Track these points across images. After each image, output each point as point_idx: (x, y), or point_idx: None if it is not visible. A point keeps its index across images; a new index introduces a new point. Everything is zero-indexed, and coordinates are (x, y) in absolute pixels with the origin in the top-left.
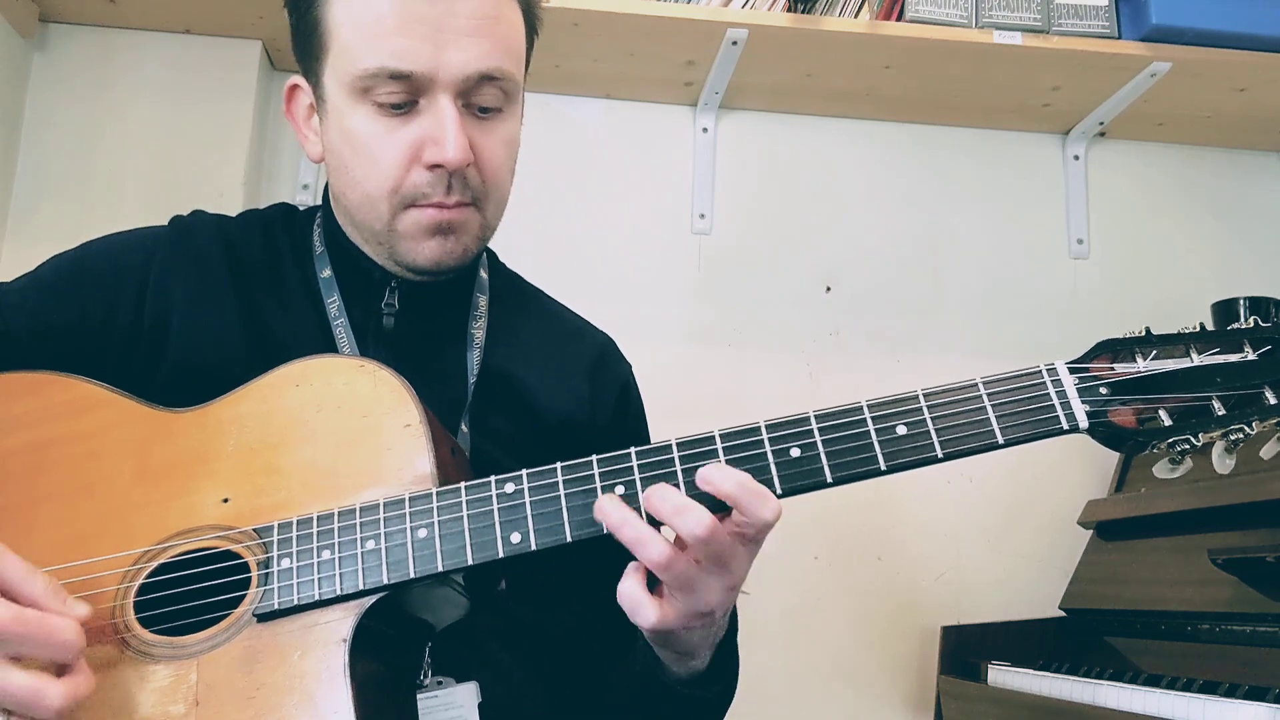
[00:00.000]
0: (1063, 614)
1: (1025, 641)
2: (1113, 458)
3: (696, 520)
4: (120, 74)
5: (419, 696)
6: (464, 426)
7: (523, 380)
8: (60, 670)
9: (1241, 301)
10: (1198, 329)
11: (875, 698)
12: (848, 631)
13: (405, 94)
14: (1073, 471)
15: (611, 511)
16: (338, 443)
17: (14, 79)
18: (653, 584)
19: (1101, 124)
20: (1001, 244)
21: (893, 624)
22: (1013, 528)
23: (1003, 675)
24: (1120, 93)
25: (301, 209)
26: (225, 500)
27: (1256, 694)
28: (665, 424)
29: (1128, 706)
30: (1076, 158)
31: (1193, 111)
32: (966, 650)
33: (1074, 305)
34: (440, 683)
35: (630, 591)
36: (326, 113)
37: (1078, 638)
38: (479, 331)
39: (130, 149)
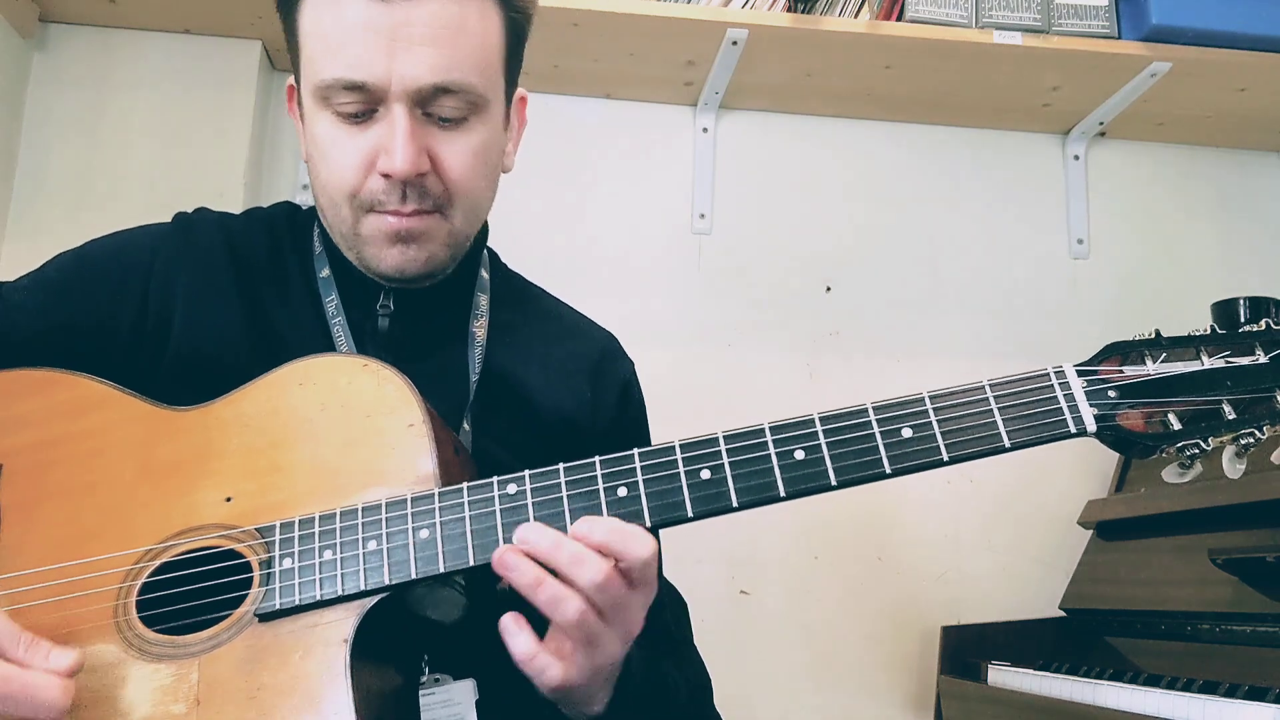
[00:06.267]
0: (1063, 614)
1: (1025, 641)
2: (1113, 457)
3: (596, 568)
4: (120, 74)
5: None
6: (466, 425)
7: (524, 379)
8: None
9: (1242, 301)
10: (1208, 331)
11: (875, 698)
12: (848, 631)
13: (362, 104)
14: (1073, 471)
15: (525, 570)
16: (341, 442)
17: (14, 79)
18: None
19: (1101, 124)
20: (1001, 244)
21: (893, 624)
22: (1013, 528)
23: (1003, 675)
24: (1120, 93)
25: (304, 208)
26: (228, 499)
27: (1256, 694)
28: (665, 424)
29: (1128, 706)
30: (1076, 158)
31: (1193, 111)
32: (966, 650)
33: (1074, 305)
34: (438, 679)
35: (530, 651)
36: (303, 116)
37: (1078, 638)
38: (480, 331)
39: (130, 149)
